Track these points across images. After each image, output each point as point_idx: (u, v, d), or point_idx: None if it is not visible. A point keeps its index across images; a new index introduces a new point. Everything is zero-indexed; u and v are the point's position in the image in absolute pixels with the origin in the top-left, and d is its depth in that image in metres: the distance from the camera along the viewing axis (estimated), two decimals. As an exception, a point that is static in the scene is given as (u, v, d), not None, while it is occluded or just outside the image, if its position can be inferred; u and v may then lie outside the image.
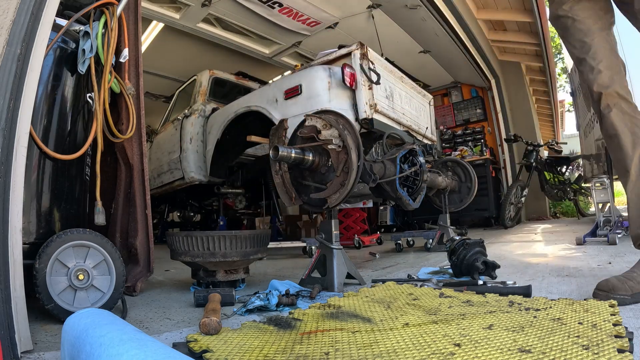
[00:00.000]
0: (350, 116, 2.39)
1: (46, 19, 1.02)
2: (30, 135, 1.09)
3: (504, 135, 6.37)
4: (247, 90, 3.95)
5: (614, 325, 0.92)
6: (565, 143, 6.74)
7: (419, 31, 4.91)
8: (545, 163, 5.85)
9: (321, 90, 2.44)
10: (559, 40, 9.55)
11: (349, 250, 3.62)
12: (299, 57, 5.62)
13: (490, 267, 1.70)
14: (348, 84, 2.39)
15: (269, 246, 1.85)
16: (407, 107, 3.03)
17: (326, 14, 4.59)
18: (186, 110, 4.00)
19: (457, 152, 6.31)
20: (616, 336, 0.84)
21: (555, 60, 10.80)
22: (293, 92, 2.57)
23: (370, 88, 2.50)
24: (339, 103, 2.42)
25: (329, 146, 1.59)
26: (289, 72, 3.15)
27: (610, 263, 1.92)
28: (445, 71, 6.30)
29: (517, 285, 1.48)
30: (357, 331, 0.98)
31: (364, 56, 2.48)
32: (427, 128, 3.33)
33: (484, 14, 5.74)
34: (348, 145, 1.53)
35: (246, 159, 3.95)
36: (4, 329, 0.83)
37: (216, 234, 1.62)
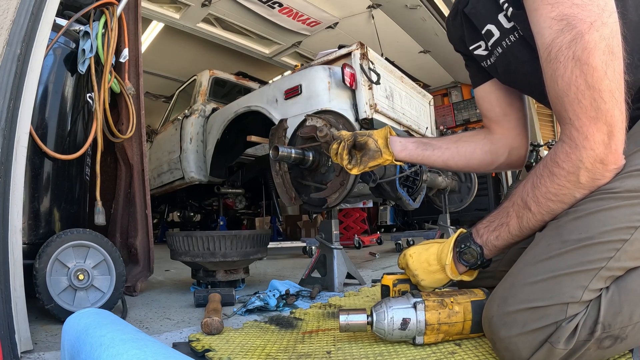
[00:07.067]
0: (350, 116, 2.38)
1: (46, 19, 1.01)
2: (30, 135, 1.09)
3: (504, 135, 6.36)
4: (247, 90, 3.95)
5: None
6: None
7: (419, 31, 4.91)
8: (546, 163, 5.84)
9: (321, 90, 2.44)
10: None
11: (349, 250, 3.62)
12: (299, 57, 5.62)
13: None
14: (348, 84, 2.39)
15: (269, 246, 1.84)
16: (407, 107, 3.03)
17: (326, 14, 4.59)
18: (186, 110, 4.00)
19: (457, 152, 6.30)
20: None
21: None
22: (293, 92, 2.56)
23: (370, 88, 2.49)
24: (339, 103, 2.41)
25: (329, 146, 1.58)
26: (289, 72, 3.15)
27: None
28: (445, 71, 6.29)
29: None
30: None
31: (364, 56, 2.48)
32: (427, 128, 3.33)
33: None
34: (348, 145, 1.53)
35: (246, 159, 3.95)
36: (4, 329, 0.83)
37: (216, 234, 1.61)
